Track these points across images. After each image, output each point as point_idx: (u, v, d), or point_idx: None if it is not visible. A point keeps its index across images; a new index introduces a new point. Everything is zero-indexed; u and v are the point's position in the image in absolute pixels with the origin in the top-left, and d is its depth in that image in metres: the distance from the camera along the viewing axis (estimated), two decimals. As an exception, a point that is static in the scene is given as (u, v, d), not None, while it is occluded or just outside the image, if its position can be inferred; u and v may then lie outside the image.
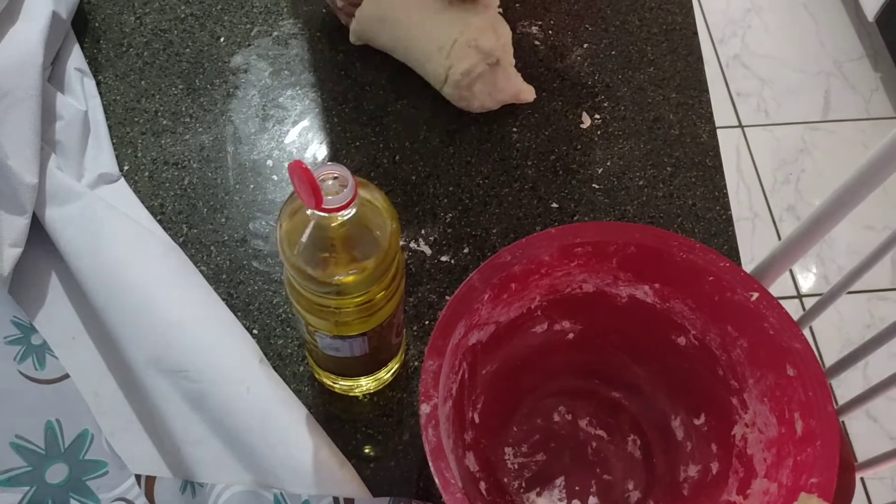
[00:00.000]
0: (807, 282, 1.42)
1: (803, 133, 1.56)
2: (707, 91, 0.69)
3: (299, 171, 0.34)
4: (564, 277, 0.50)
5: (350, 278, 0.39)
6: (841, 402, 0.84)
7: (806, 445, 0.43)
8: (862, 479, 1.26)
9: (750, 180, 1.51)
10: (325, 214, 0.37)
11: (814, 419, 0.43)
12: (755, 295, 0.46)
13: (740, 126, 1.57)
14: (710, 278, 0.47)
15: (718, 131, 1.70)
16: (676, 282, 0.49)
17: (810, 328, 1.37)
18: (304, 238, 0.39)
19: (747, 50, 1.67)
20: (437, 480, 0.40)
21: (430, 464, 0.40)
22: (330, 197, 0.36)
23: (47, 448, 0.47)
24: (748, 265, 0.98)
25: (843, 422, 1.28)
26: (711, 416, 0.51)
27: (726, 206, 0.63)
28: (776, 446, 0.45)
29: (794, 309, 1.25)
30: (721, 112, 1.59)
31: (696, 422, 0.52)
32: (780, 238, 1.35)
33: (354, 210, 0.38)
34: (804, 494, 0.41)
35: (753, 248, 1.26)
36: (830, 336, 1.35)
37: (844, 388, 1.29)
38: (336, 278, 0.39)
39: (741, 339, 0.48)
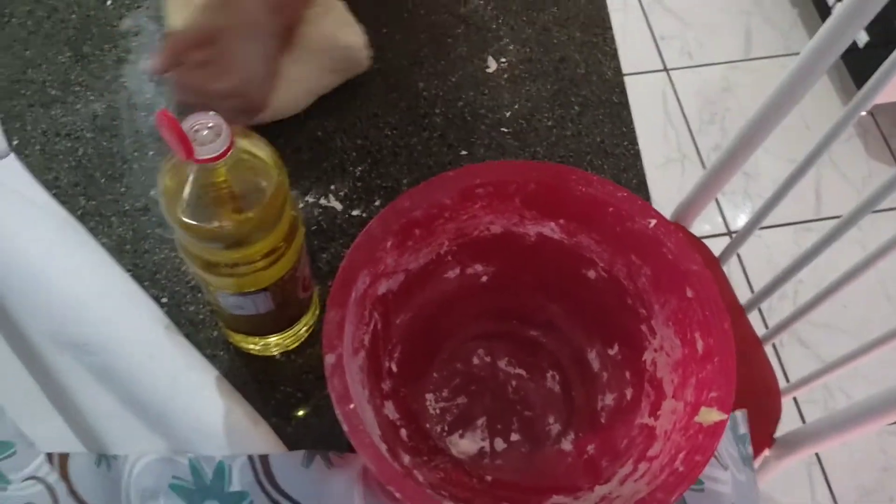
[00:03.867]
0: (737, 220, 1.45)
1: (726, 72, 1.59)
2: (611, 28, 0.69)
3: (166, 121, 0.33)
4: (470, 220, 0.50)
5: (237, 231, 0.39)
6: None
7: (706, 363, 0.44)
8: (797, 403, 1.31)
9: (677, 122, 1.53)
10: (201, 165, 0.36)
11: (711, 337, 0.44)
12: (653, 222, 0.47)
13: (665, 69, 1.58)
14: (610, 209, 0.48)
15: (644, 76, 1.71)
16: (579, 216, 0.49)
17: (740, 262, 1.40)
18: (186, 194, 0.38)
19: (668, -8, 1.68)
20: (344, 428, 0.40)
21: (337, 413, 0.40)
22: (204, 147, 0.35)
23: (-52, 434, 0.46)
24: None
25: (775, 348, 1.33)
26: (624, 345, 0.52)
27: (633, 141, 0.63)
28: (681, 367, 0.46)
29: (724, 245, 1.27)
30: (646, 57, 1.60)
31: (611, 352, 0.53)
32: (707, 177, 1.36)
33: (232, 160, 0.36)
34: (704, 408, 0.42)
35: (683, 188, 1.28)
36: (760, 268, 1.39)
37: (777, 317, 1.33)
38: (223, 232, 0.38)
39: (645, 266, 0.48)
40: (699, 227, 1.40)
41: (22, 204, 0.52)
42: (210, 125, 0.36)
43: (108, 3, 0.66)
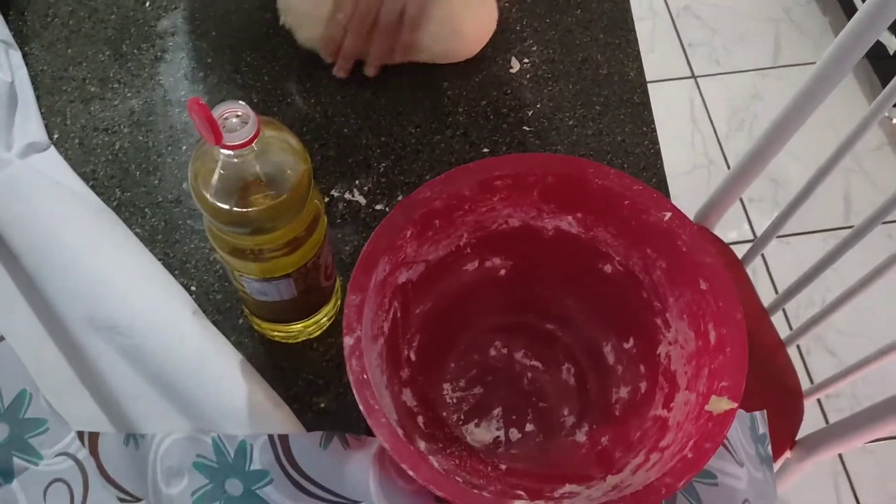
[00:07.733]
0: (764, 227, 1.44)
1: (754, 79, 1.58)
2: (634, 30, 0.70)
3: (196, 107, 0.35)
4: (489, 213, 0.51)
5: (262, 216, 0.40)
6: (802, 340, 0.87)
7: (718, 353, 0.44)
8: (825, 413, 1.29)
9: (705, 129, 1.53)
10: (230, 152, 0.38)
11: (724, 328, 0.44)
12: (668, 214, 0.47)
13: (693, 77, 1.58)
14: (626, 202, 0.48)
15: (671, 83, 1.71)
16: (596, 209, 0.50)
17: (767, 270, 1.39)
18: (215, 180, 0.39)
19: (697, 0, 1.68)
20: (361, 408, 0.41)
21: (355, 392, 0.41)
22: (232, 133, 0.37)
23: (-14, 409, 0.48)
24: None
25: (802, 357, 1.32)
26: (639, 339, 0.53)
27: (654, 141, 0.64)
28: (695, 359, 0.47)
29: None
30: (674, 64, 1.60)
31: (626, 346, 0.53)
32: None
33: (258, 146, 0.38)
34: (714, 397, 0.42)
35: (711, 194, 1.29)
36: (787, 277, 1.38)
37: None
38: (249, 216, 0.40)
39: (660, 259, 0.49)
40: (725, 234, 1.40)
41: (60, 192, 0.55)
42: (238, 113, 0.38)
43: (147, 4, 0.68)
